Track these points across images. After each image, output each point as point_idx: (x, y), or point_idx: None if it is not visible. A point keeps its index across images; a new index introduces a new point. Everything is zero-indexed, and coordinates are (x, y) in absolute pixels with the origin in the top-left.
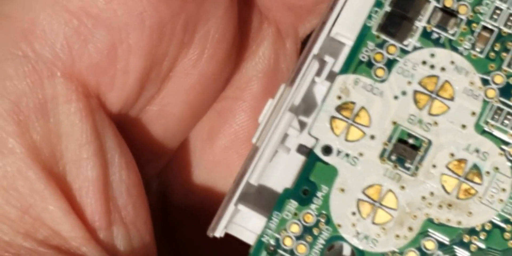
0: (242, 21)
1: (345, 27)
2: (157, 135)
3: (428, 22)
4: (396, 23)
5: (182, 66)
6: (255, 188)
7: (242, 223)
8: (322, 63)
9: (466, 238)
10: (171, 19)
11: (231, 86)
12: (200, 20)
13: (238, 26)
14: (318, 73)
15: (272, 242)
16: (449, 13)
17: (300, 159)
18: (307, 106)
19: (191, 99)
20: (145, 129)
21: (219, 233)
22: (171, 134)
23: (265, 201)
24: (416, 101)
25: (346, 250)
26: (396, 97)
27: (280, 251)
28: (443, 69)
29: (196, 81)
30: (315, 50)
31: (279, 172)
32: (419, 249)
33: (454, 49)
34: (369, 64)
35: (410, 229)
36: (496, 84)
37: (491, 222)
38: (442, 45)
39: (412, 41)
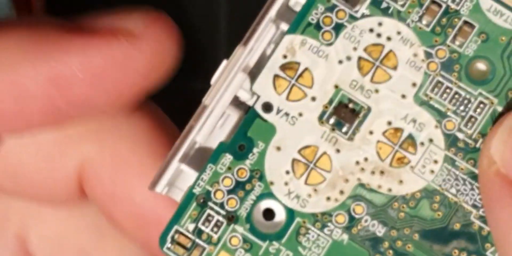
0: None
1: None
2: None
3: None
4: None
5: None
6: (199, 149)
7: (184, 187)
8: (278, 28)
9: (395, 206)
10: None
11: None
12: None
13: None
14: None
15: (203, 194)
16: None
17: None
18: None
19: None
20: None
21: (160, 188)
22: None
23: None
24: (359, 67)
25: (280, 214)
26: (340, 62)
27: (210, 204)
28: (389, 38)
29: None
30: (272, 13)
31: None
32: (348, 213)
33: (402, 19)
34: (318, 27)
35: (342, 192)
36: (438, 58)
37: (420, 191)
38: (391, 15)
39: (362, 8)
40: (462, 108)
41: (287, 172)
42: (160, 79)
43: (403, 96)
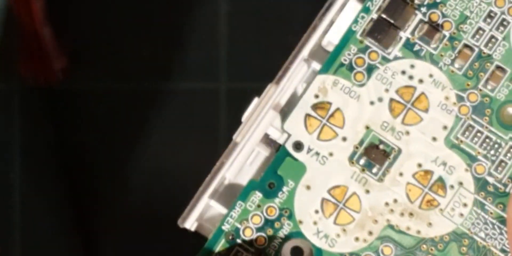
0: None
1: (338, 37)
2: None
3: (413, 33)
4: (383, 29)
5: None
6: (229, 186)
7: (213, 223)
8: (309, 67)
9: (423, 248)
10: None
11: None
12: None
13: None
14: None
15: (232, 231)
16: (434, 27)
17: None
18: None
19: None
20: None
21: (189, 224)
22: None
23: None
24: (391, 109)
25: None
26: (372, 103)
27: (239, 241)
28: (421, 81)
29: None
30: (305, 53)
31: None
32: (377, 253)
33: (434, 62)
34: (350, 68)
35: (370, 233)
36: (470, 101)
37: (449, 234)
38: (423, 58)
39: (394, 50)
40: (492, 152)
41: (316, 212)
42: None
43: (434, 139)
